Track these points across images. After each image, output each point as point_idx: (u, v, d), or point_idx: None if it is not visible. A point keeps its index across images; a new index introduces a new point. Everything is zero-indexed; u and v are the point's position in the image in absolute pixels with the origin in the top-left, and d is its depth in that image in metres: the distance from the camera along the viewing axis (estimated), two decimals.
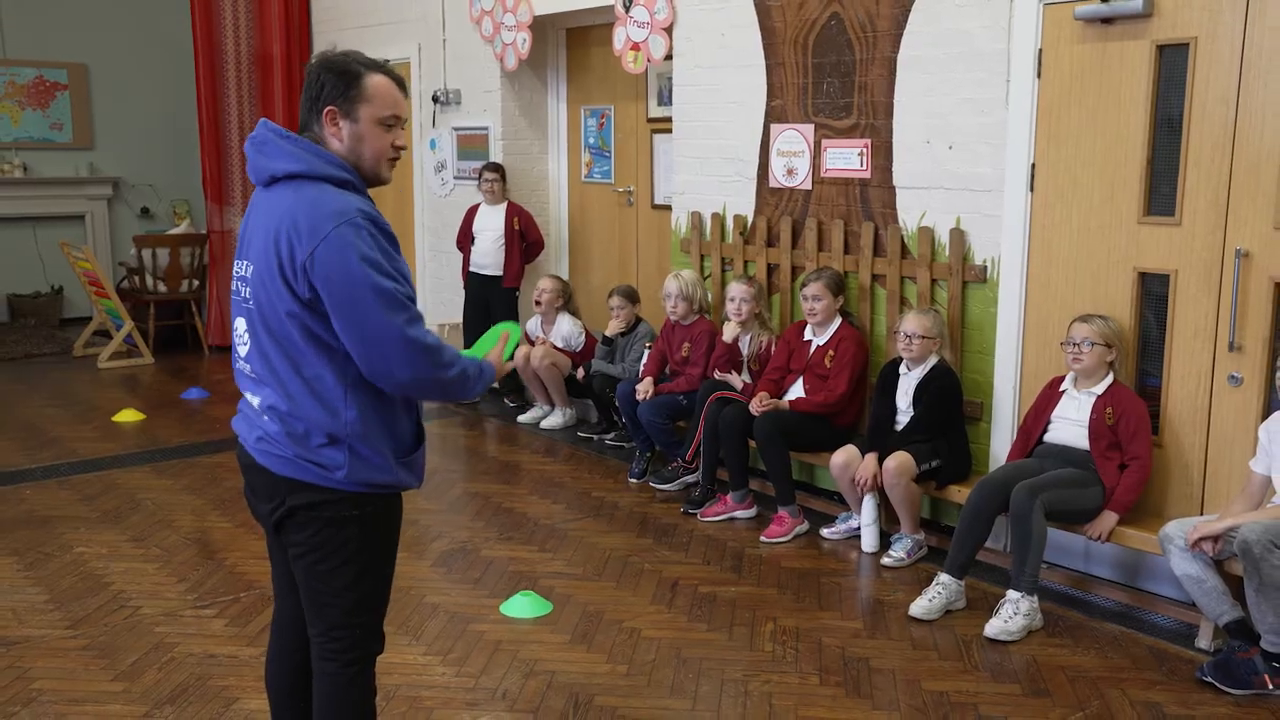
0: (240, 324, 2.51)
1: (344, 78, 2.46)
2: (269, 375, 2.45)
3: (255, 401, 2.52)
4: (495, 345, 2.73)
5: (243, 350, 2.52)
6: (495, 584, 4.56)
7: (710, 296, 6.04)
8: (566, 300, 7.05)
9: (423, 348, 2.38)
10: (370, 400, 2.45)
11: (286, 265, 2.34)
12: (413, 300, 2.42)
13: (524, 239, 7.29)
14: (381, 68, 2.51)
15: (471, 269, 7.41)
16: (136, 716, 3.49)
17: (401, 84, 2.54)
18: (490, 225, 7.29)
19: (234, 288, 2.55)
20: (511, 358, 2.81)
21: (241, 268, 2.49)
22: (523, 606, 4.30)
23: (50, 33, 10.44)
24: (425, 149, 8.32)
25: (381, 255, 2.36)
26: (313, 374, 2.41)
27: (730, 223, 6.01)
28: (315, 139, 2.49)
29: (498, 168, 7.32)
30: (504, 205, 7.31)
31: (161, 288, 9.27)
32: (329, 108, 2.46)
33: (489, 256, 7.29)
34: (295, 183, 2.42)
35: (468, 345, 7.63)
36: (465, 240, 7.46)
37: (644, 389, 5.83)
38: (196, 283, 9.43)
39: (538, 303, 6.94)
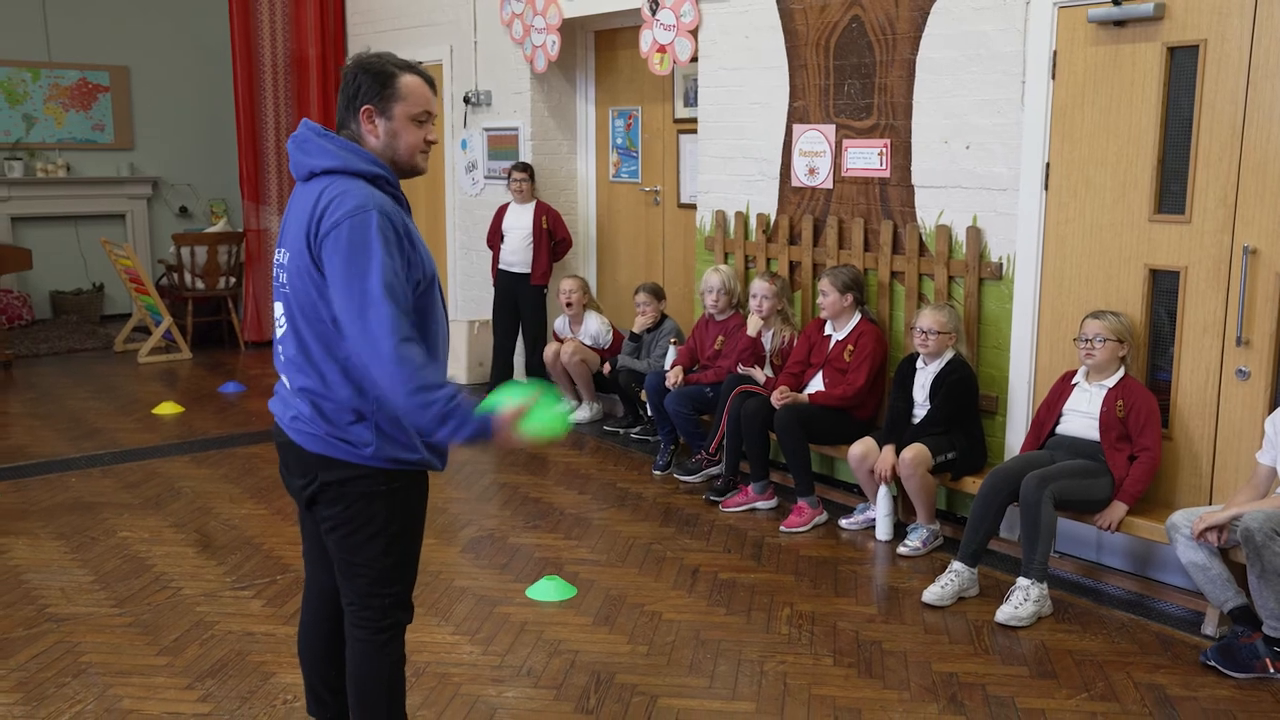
0: (279, 309, 2.69)
1: (379, 78, 2.63)
2: (302, 357, 2.62)
3: (289, 384, 2.69)
4: (513, 404, 2.48)
5: (280, 334, 2.69)
6: (522, 569, 4.71)
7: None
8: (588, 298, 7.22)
9: (404, 358, 2.40)
10: None
11: (315, 249, 2.52)
12: (413, 292, 2.51)
13: (552, 238, 7.44)
14: (413, 68, 2.68)
15: (500, 267, 7.57)
16: (180, 688, 3.66)
17: (432, 83, 2.71)
18: (519, 224, 7.45)
19: (274, 274, 2.73)
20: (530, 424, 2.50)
21: (280, 255, 2.67)
22: (548, 590, 4.45)
23: (93, 36, 10.71)
24: (456, 149, 8.50)
25: (387, 252, 2.46)
26: (342, 355, 2.58)
27: (754, 221, 6.14)
28: (352, 136, 2.66)
29: (526, 167, 7.47)
30: (533, 204, 7.47)
31: (199, 285, 9.49)
32: (366, 106, 2.64)
33: (518, 255, 7.45)
34: (331, 177, 2.59)
35: (496, 341, 7.76)
36: (495, 238, 7.62)
37: (674, 375, 5.97)
38: (233, 280, 9.64)
39: (568, 304, 7.09)
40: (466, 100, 8.24)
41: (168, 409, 7.44)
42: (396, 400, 2.44)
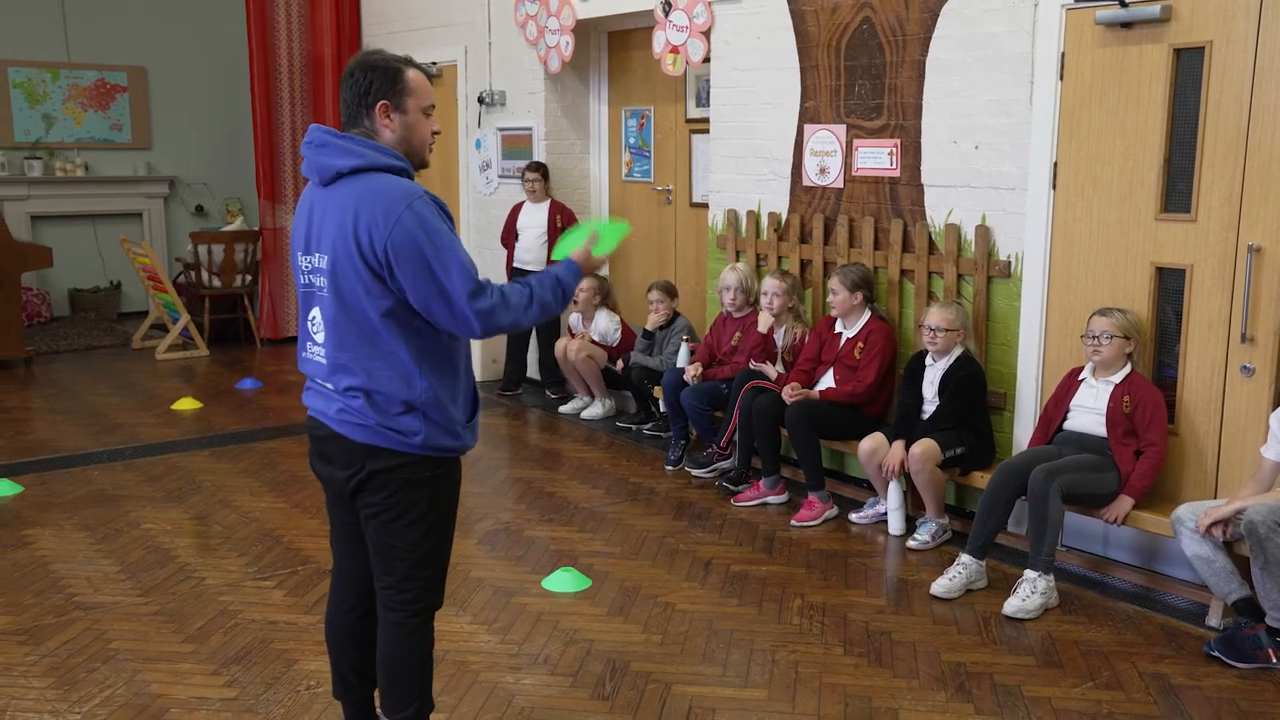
0: (316, 313, 2.76)
1: (389, 74, 2.74)
2: (348, 357, 2.70)
3: (331, 386, 2.75)
4: (580, 244, 2.93)
5: (319, 337, 2.76)
6: (537, 561, 4.80)
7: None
8: (605, 296, 7.28)
9: (494, 307, 2.63)
10: (439, 371, 2.72)
11: (368, 251, 2.59)
12: (472, 265, 2.67)
13: None
14: (413, 63, 2.79)
15: (515, 265, 7.66)
16: (206, 673, 3.76)
17: (430, 78, 2.84)
18: (534, 223, 7.55)
19: (304, 280, 2.78)
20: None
21: (315, 260, 2.72)
22: (563, 581, 4.54)
23: (111, 37, 10.84)
24: (471, 149, 8.59)
25: (446, 228, 2.63)
26: (388, 350, 2.66)
27: (765, 220, 6.23)
28: (365, 133, 2.75)
29: (539, 167, 7.55)
30: (547, 203, 7.56)
31: (216, 283, 9.60)
32: (382, 102, 2.73)
33: (532, 253, 7.54)
34: (358, 176, 2.67)
35: (510, 339, 7.86)
36: (509, 237, 7.71)
37: (693, 371, 6.05)
38: (250, 278, 9.74)
39: (574, 301, 7.17)
40: (481, 100, 8.33)
41: (186, 405, 7.54)
42: (513, 330, 2.79)
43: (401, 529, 2.78)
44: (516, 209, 7.70)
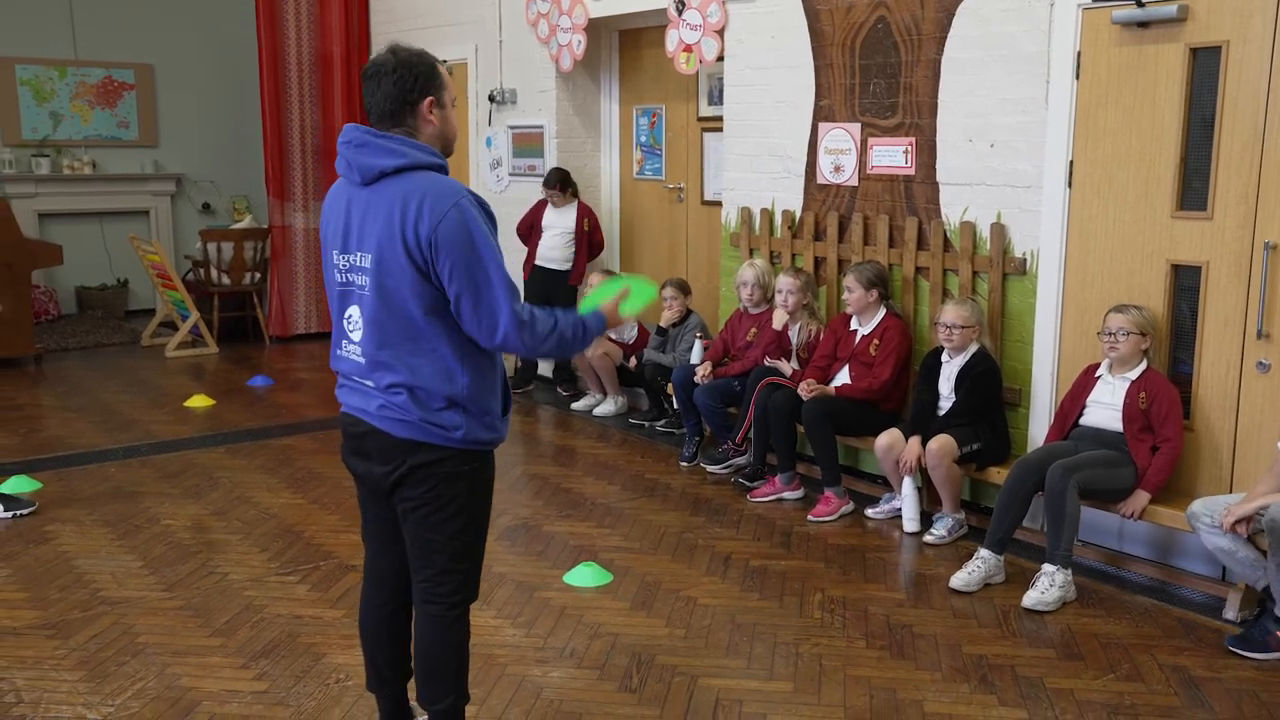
0: (354, 311, 2.78)
1: (430, 70, 2.78)
2: (390, 354, 2.72)
3: (371, 383, 2.78)
4: (610, 297, 2.93)
5: (356, 336, 2.78)
6: (558, 556, 4.84)
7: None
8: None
9: (522, 322, 2.67)
10: (481, 367, 2.76)
11: (414, 248, 2.62)
12: (509, 276, 2.71)
13: (590, 239, 7.55)
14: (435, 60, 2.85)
15: (537, 262, 7.63)
16: (235, 667, 3.79)
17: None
18: (559, 223, 7.53)
19: (342, 279, 2.79)
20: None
21: (356, 258, 2.74)
22: (585, 576, 4.57)
23: (119, 35, 10.85)
24: (481, 146, 8.61)
25: (490, 232, 2.68)
26: (430, 347, 2.70)
27: (779, 218, 6.26)
28: (409, 131, 2.77)
29: (553, 181, 7.47)
30: (575, 205, 7.56)
31: (225, 280, 9.62)
32: (429, 98, 2.76)
33: (557, 251, 7.53)
34: (402, 175, 2.70)
35: None
36: (526, 229, 7.69)
37: (703, 371, 6.09)
38: (258, 276, 9.77)
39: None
40: (491, 99, 8.36)
41: (199, 402, 7.56)
42: (525, 354, 2.79)
43: (440, 522, 2.82)
44: (541, 204, 7.65)
